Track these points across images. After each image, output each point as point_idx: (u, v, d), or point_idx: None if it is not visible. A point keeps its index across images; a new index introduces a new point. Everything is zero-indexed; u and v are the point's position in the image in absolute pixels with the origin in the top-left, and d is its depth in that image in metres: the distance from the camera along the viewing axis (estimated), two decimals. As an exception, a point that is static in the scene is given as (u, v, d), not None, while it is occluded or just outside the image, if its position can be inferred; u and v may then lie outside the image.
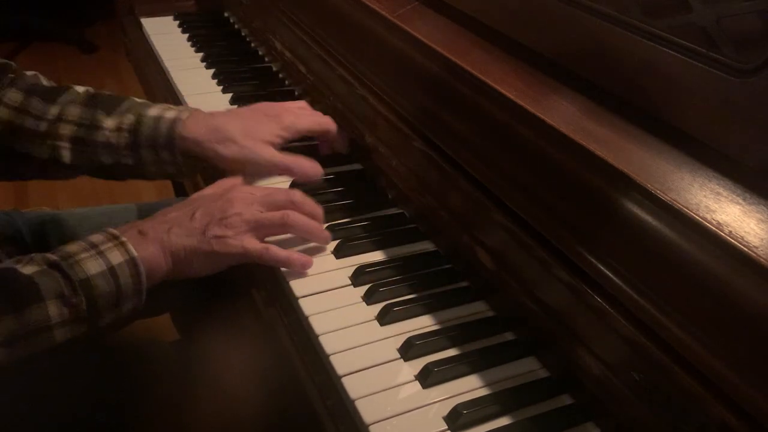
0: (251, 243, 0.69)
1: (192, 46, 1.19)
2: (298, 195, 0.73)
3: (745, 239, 0.43)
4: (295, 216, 0.71)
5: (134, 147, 0.79)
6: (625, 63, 0.57)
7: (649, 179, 0.49)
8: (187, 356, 1.01)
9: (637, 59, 0.56)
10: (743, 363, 0.43)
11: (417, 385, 0.59)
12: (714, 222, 0.45)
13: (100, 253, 0.63)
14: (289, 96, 1.03)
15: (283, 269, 0.70)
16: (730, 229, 0.44)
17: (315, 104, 0.99)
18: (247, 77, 1.08)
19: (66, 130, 0.79)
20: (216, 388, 0.84)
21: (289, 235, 0.73)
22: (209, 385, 0.85)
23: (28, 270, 0.60)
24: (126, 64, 1.45)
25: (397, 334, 0.63)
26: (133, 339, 0.84)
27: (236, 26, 1.29)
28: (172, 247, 0.67)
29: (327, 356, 0.60)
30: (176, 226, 0.68)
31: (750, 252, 0.42)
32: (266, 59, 1.16)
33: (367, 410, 0.56)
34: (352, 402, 0.57)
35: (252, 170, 0.79)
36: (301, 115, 0.86)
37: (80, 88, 0.83)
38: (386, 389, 0.58)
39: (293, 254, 0.70)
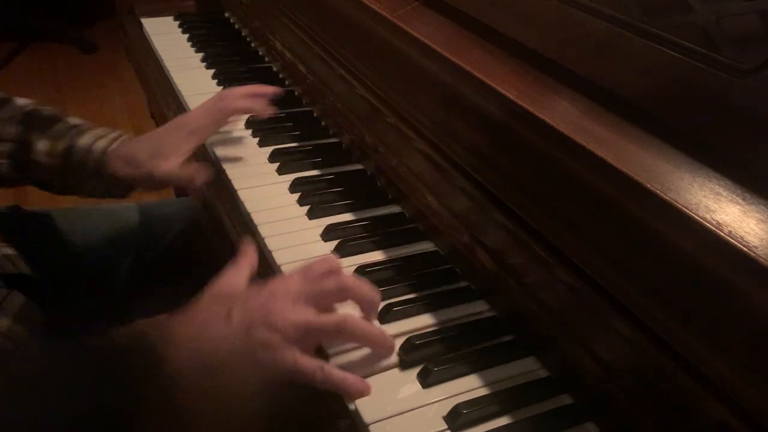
0: (304, 359, 0.56)
1: (192, 46, 1.19)
2: (350, 279, 0.62)
3: (745, 239, 0.43)
4: (353, 321, 0.59)
5: (67, 173, 0.85)
6: (625, 63, 0.57)
7: (649, 179, 0.49)
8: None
9: (637, 59, 0.56)
10: (743, 363, 0.43)
11: (417, 385, 0.59)
12: (714, 222, 0.45)
13: None
14: (289, 96, 1.03)
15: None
16: (729, 229, 0.44)
17: (315, 104, 0.99)
18: (247, 77, 1.08)
19: (4, 147, 0.84)
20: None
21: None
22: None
23: None
24: (126, 64, 1.45)
25: (397, 334, 0.63)
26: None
27: (236, 26, 1.29)
28: (202, 357, 0.54)
29: (327, 356, 0.60)
30: (208, 329, 0.56)
31: (750, 252, 0.42)
32: (266, 59, 1.16)
33: (367, 410, 0.56)
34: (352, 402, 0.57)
35: (158, 186, 0.85)
36: (207, 114, 0.87)
37: (21, 101, 0.88)
38: (386, 389, 0.58)
39: (349, 376, 0.58)
